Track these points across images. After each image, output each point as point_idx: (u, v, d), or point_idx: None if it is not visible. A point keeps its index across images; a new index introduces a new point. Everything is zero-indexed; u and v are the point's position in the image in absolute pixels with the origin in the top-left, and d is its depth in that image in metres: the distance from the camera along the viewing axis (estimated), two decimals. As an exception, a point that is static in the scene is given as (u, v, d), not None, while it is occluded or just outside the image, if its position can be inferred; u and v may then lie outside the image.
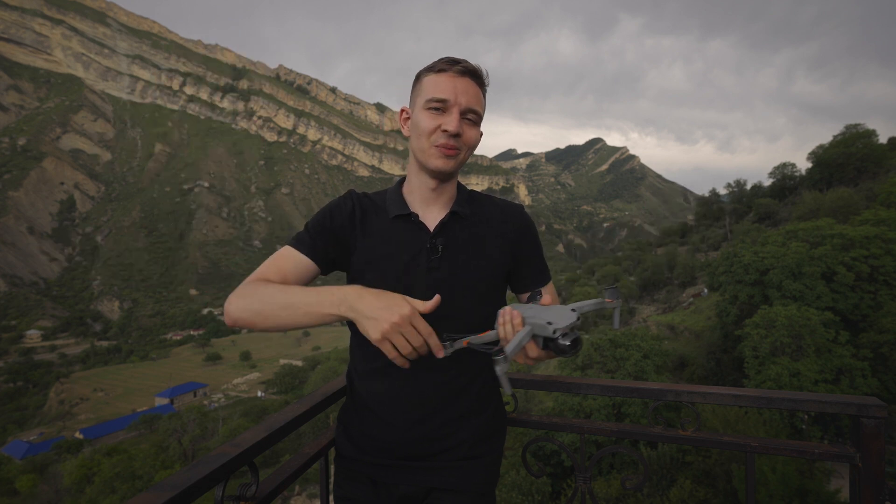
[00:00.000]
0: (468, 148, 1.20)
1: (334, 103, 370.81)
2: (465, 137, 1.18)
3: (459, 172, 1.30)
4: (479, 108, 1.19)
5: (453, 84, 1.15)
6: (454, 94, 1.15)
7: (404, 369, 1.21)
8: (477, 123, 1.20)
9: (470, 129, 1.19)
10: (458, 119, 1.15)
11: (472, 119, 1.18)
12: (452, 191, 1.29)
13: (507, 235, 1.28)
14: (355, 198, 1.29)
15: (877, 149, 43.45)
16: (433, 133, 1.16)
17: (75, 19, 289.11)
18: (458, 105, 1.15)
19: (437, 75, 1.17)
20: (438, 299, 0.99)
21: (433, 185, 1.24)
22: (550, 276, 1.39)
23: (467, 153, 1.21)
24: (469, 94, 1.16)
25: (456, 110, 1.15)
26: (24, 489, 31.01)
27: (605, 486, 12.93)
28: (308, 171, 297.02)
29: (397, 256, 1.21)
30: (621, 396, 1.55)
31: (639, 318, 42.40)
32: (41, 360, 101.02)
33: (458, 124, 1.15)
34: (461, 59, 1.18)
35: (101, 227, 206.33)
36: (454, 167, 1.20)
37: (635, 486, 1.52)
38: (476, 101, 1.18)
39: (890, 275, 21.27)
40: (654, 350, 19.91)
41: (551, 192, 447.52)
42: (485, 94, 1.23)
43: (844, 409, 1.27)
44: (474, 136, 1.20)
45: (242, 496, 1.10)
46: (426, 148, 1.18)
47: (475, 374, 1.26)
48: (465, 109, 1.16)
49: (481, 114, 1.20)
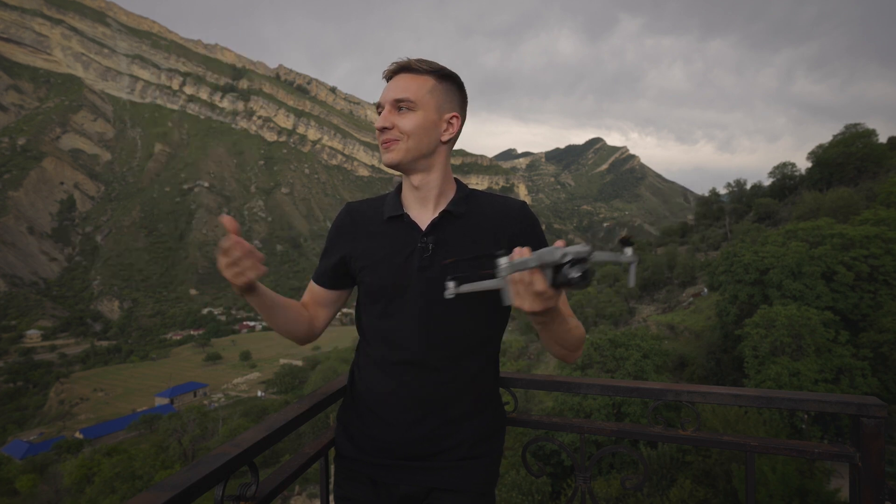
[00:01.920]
0: (407, 135, 1.21)
1: (334, 103, 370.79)
2: (399, 126, 1.21)
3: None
4: (409, 94, 1.20)
5: (385, 88, 1.24)
6: (383, 95, 1.23)
7: (405, 369, 1.22)
8: (413, 110, 1.21)
9: (402, 116, 1.21)
10: (385, 114, 1.22)
11: (405, 107, 1.21)
12: (443, 189, 1.28)
13: (504, 232, 1.26)
14: (349, 210, 1.37)
15: (877, 148, 43.47)
16: (378, 135, 1.24)
17: (75, 19, 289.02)
18: (387, 101, 1.22)
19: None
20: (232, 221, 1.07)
21: (415, 181, 1.27)
22: None
23: (413, 140, 1.21)
24: (396, 87, 1.21)
25: (387, 106, 1.22)
26: (24, 489, 31.01)
27: (605, 485, 12.95)
28: (308, 171, 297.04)
29: (391, 257, 1.23)
30: (621, 396, 1.55)
31: (639, 317, 42.41)
32: (41, 360, 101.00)
33: (384, 118, 1.21)
34: (394, 62, 1.25)
35: (101, 226, 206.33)
36: (396, 157, 1.22)
37: (635, 486, 1.52)
38: (403, 90, 1.20)
39: (890, 274, 21.28)
40: (654, 350, 19.93)
41: (551, 192, 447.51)
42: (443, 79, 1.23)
43: (844, 408, 1.27)
44: (409, 122, 1.20)
45: (242, 496, 1.10)
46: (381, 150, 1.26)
47: (475, 374, 1.26)
48: (393, 102, 1.21)
49: (414, 100, 1.20)
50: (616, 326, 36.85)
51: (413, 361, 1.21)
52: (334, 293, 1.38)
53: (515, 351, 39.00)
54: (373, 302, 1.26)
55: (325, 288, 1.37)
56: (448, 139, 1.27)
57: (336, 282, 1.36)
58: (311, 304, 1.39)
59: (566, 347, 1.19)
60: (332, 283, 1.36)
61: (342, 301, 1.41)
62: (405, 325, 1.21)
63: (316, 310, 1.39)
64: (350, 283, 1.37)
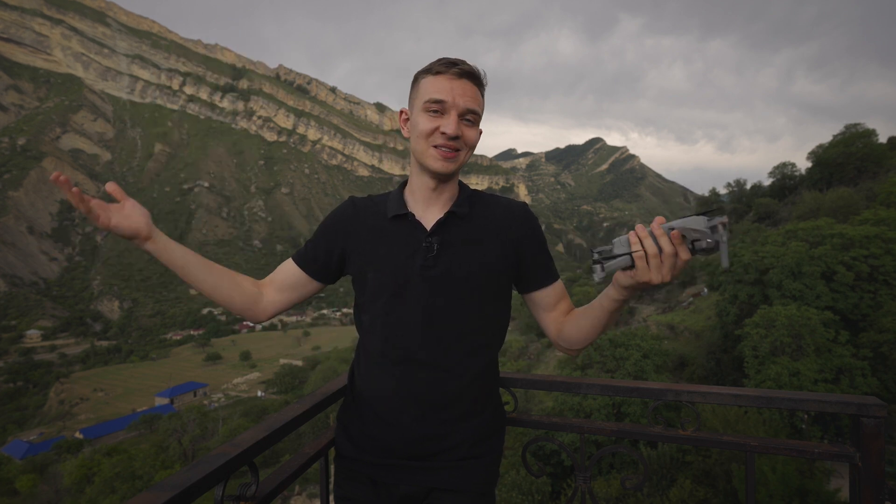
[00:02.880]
0: (468, 148, 1.21)
1: (334, 103, 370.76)
2: (465, 138, 1.18)
3: (459, 172, 1.31)
4: (478, 108, 1.19)
5: (451, 86, 1.16)
6: (452, 96, 1.15)
7: (405, 369, 1.22)
8: (475, 123, 1.21)
9: (469, 129, 1.19)
10: (456, 121, 1.15)
11: (470, 120, 1.18)
12: (453, 190, 1.29)
13: (507, 234, 1.27)
14: (354, 203, 1.34)
15: (877, 148, 43.43)
16: (431, 135, 1.17)
17: (75, 19, 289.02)
18: (457, 107, 1.15)
19: (435, 77, 1.18)
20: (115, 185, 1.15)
21: (433, 185, 1.25)
22: (558, 275, 1.35)
23: (467, 154, 1.22)
24: (467, 95, 1.16)
25: (454, 112, 1.15)
26: (24, 489, 31.00)
27: (605, 485, 12.94)
28: (308, 171, 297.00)
29: (394, 256, 1.23)
30: (621, 396, 1.55)
31: (639, 317, 42.42)
32: (41, 360, 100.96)
33: (457, 126, 1.15)
34: (459, 61, 1.18)
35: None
36: (454, 169, 1.20)
37: (635, 486, 1.52)
38: (474, 102, 1.18)
39: (890, 274, 21.27)
40: (654, 350, 19.92)
41: (551, 192, 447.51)
42: (483, 94, 1.24)
43: (844, 408, 1.27)
44: (473, 136, 1.21)
45: (242, 496, 1.10)
46: (425, 149, 1.19)
47: (475, 374, 1.26)
48: (464, 111, 1.16)
49: (480, 113, 1.21)
50: (616, 326, 36.85)
51: (413, 361, 1.21)
52: (310, 283, 1.33)
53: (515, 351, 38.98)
54: (374, 300, 1.24)
55: (305, 272, 1.32)
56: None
57: (321, 270, 1.32)
58: (272, 285, 1.34)
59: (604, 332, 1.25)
60: (317, 270, 1.32)
61: (308, 294, 1.36)
62: (406, 325, 1.20)
63: (274, 293, 1.34)
64: (331, 278, 1.34)
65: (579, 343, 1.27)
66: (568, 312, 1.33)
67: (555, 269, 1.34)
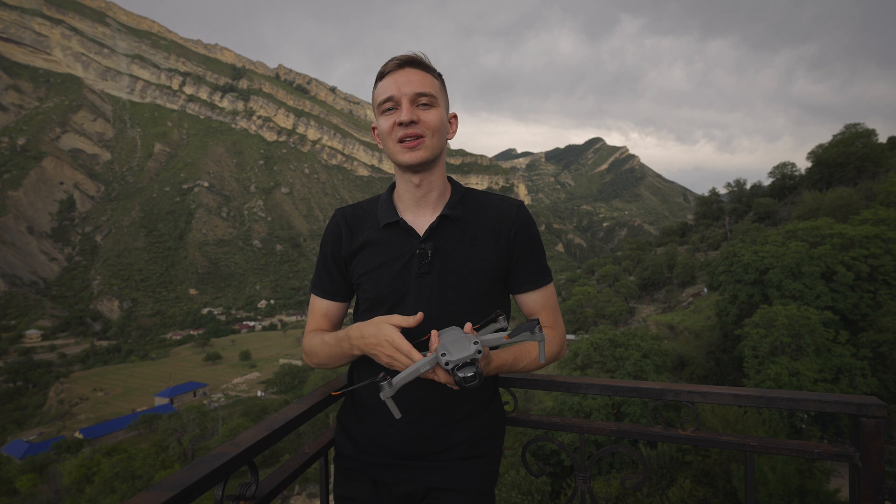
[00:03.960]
0: (432, 131, 1.18)
1: (334, 103, 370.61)
2: (424, 122, 1.17)
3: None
4: (429, 89, 1.17)
5: (394, 80, 1.17)
6: (397, 88, 1.16)
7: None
8: (433, 105, 1.18)
9: (426, 112, 1.17)
10: (408, 107, 1.15)
11: (426, 103, 1.17)
12: (442, 189, 1.27)
13: (501, 234, 1.25)
14: (341, 217, 1.32)
15: (876, 148, 43.47)
16: (392, 131, 1.17)
17: (75, 19, 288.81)
18: (405, 95, 1.15)
19: (382, 81, 1.19)
20: (421, 316, 1.08)
21: (417, 180, 1.23)
22: (550, 277, 1.33)
23: (435, 137, 1.19)
24: (412, 81, 1.16)
25: (404, 100, 1.15)
26: (23, 489, 30.96)
27: (604, 485, 12.94)
28: (308, 171, 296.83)
29: (390, 264, 1.22)
30: (621, 396, 1.55)
31: (638, 317, 42.42)
32: (41, 360, 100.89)
33: (410, 112, 1.15)
34: (397, 55, 1.20)
35: (100, 226, 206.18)
36: (424, 156, 1.18)
37: (635, 486, 1.52)
38: (421, 85, 1.17)
39: (889, 274, 21.27)
40: (654, 350, 19.90)
41: (551, 192, 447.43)
42: (438, 75, 1.22)
43: (844, 408, 1.27)
44: (434, 118, 1.18)
45: (242, 496, 1.10)
46: (392, 148, 1.19)
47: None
48: (412, 96, 1.16)
49: (435, 94, 1.18)
50: (616, 326, 36.87)
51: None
52: (341, 307, 1.37)
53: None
54: (373, 308, 1.25)
55: (334, 301, 1.34)
56: (450, 139, 1.28)
57: (344, 292, 1.34)
58: (331, 326, 1.36)
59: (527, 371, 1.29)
60: (343, 294, 1.34)
61: (344, 315, 1.40)
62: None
63: (331, 328, 1.37)
64: (353, 293, 1.36)
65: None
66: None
67: (544, 276, 1.31)
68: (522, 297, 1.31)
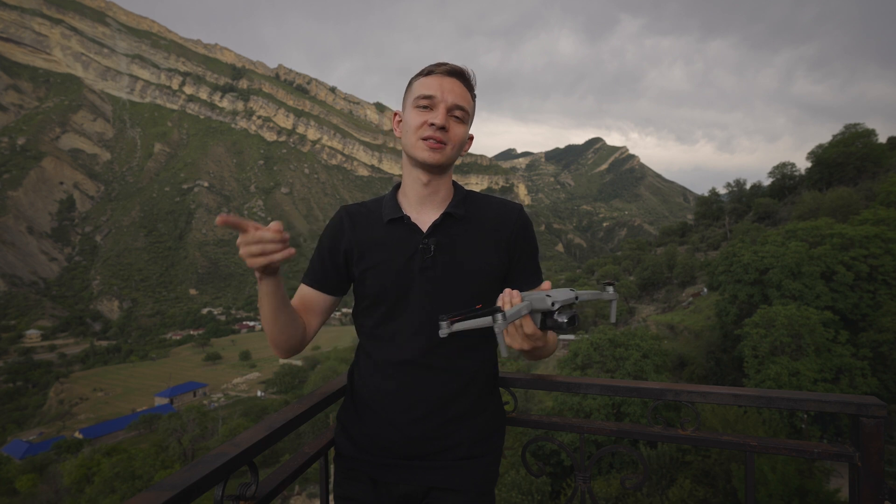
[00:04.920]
0: (455, 144, 1.22)
1: (334, 103, 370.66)
2: (452, 133, 1.20)
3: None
4: (466, 105, 1.22)
5: (440, 82, 1.20)
6: (440, 91, 1.19)
7: (406, 369, 1.22)
8: (464, 121, 1.22)
9: (457, 125, 1.21)
10: (444, 113, 1.18)
11: (458, 116, 1.21)
12: (447, 190, 1.30)
13: (502, 235, 1.28)
14: (345, 213, 1.33)
15: (876, 148, 43.48)
16: (420, 127, 1.20)
17: (74, 19, 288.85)
18: (445, 101, 1.19)
19: (426, 77, 1.22)
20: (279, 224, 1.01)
21: (425, 179, 1.25)
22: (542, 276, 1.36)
23: (455, 149, 1.23)
24: (455, 92, 1.20)
25: (442, 106, 1.19)
26: (23, 489, 30.94)
27: (604, 485, 12.94)
28: (307, 171, 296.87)
29: (393, 260, 1.23)
30: (621, 396, 1.55)
31: (638, 317, 42.41)
32: (41, 360, 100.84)
33: (444, 118, 1.18)
34: (448, 62, 1.23)
35: (100, 226, 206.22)
36: (441, 160, 1.21)
37: (635, 486, 1.52)
38: (462, 99, 1.21)
39: (889, 274, 21.28)
40: (654, 350, 19.89)
41: (551, 192, 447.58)
42: (474, 97, 1.26)
43: (844, 408, 1.27)
44: (461, 133, 1.22)
45: (242, 496, 1.10)
46: (415, 142, 1.21)
47: (475, 375, 1.26)
48: (452, 106, 1.19)
49: (468, 111, 1.23)
50: (616, 326, 36.85)
51: (414, 362, 1.21)
52: (329, 300, 1.32)
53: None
54: (376, 304, 1.25)
55: (323, 293, 1.31)
56: (463, 155, 1.31)
57: (336, 286, 1.31)
58: (303, 311, 1.31)
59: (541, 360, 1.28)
60: (332, 286, 1.31)
61: (331, 311, 1.34)
62: (408, 327, 1.21)
63: (307, 317, 1.31)
64: (344, 289, 1.34)
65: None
66: None
67: (539, 276, 1.33)
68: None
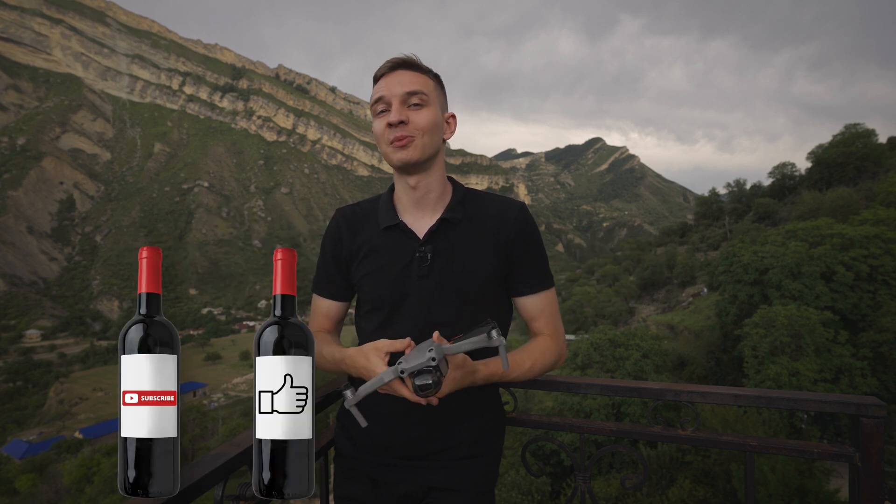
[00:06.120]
0: (423, 131, 1.17)
1: (334, 103, 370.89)
2: (414, 122, 1.16)
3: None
4: (420, 87, 1.18)
5: (386, 82, 1.19)
6: (388, 89, 1.17)
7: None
8: (426, 104, 1.18)
9: (417, 112, 1.17)
10: (398, 108, 1.15)
11: (417, 102, 1.17)
12: (441, 190, 1.26)
13: (501, 236, 1.24)
14: (341, 217, 1.32)
15: (876, 148, 43.51)
16: (384, 132, 1.18)
17: (75, 19, 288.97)
18: (395, 96, 1.16)
19: (376, 84, 1.21)
20: (409, 341, 1.07)
21: (412, 182, 1.22)
22: (552, 283, 1.32)
23: (426, 136, 1.18)
24: (402, 81, 1.17)
25: (395, 101, 1.16)
26: (23, 489, 30.96)
27: (604, 485, 12.95)
28: (307, 171, 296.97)
29: (390, 267, 1.22)
30: (621, 396, 1.55)
31: (638, 317, 42.43)
32: (41, 360, 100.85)
33: (399, 112, 1.15)
34: (392, 58, 1.21)
35: (100, 226, 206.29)
36: (415, 155, 1.17)
37: (635, 486, 1.52)
38: (412, 84, 1.17)
39: (889, 274, 21.29)
40: (654, 350, 19.91)
41: (551, 192, 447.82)
42: (433, 77, 1.23)
43: (844, 408, 1.26)
44: (425, 118, 1.17)
45: (242, 496, 1.10)
46: (385, 149, 1.19)
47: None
48: (402, 96, 1.16)
49: (427, 92, 1.18)
50: (616, 326, 36.85)
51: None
52: (343, 307, 1.37)
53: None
54: (374, 311, 1.25)
55: (335, 301, 1.34)
56: (448, 139, 1.28)
57: (349, 291, 1.34)
58: (333, 326, 1.37)
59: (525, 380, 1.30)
60: (347, 294, 1.34)
61: (344, 316, 1.40)
62: (407, 333, 1.19)
63: (335, 328, 1.38)
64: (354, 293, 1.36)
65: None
66: (537, 334, 1.32)
67: (544, 281, 1.30)
68: (521, 301, 1.30)
